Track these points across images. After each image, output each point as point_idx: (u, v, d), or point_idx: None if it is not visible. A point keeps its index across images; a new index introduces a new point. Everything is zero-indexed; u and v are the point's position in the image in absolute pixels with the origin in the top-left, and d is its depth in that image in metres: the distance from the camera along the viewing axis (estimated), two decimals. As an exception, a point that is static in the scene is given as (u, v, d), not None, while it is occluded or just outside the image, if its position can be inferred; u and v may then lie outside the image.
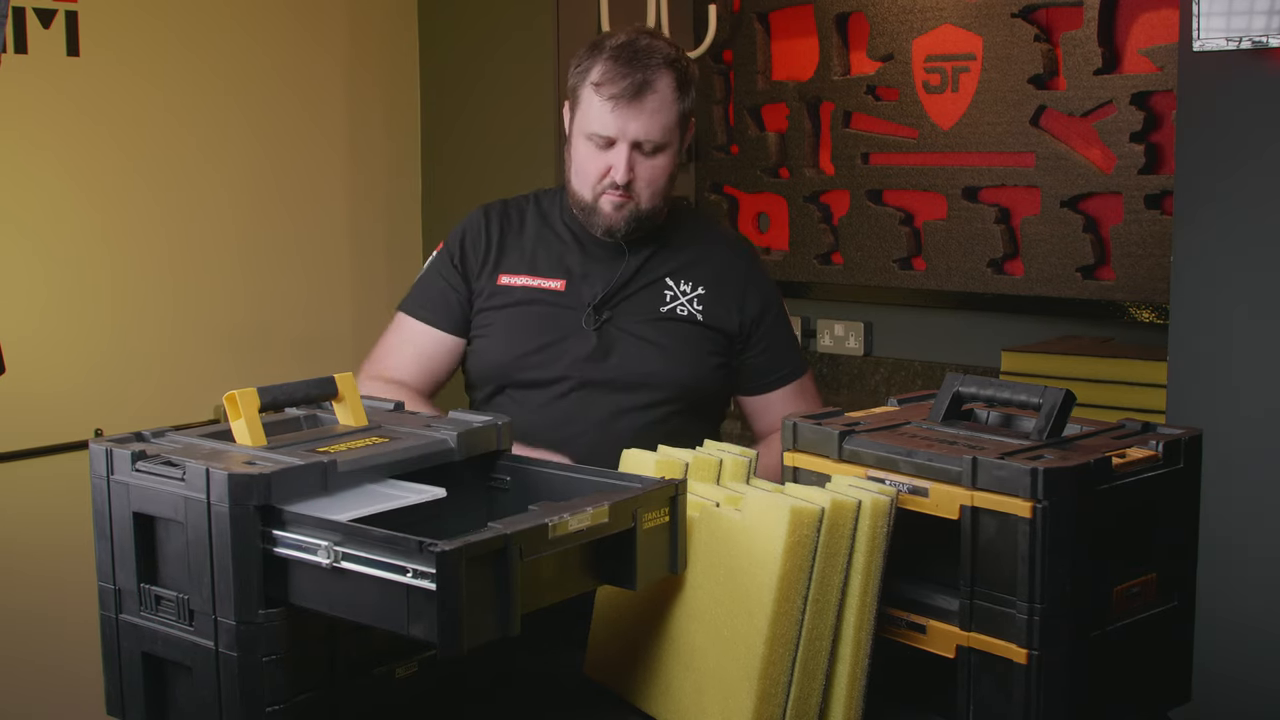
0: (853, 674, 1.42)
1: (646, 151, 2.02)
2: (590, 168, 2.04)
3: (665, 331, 2.08)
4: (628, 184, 2.01)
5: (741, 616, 1.39)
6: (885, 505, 1.40)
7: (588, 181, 2.05)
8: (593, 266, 2.10)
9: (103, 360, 3.16)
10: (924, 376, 3.42)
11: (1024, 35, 3.14)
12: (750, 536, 1.39)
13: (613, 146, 2.01)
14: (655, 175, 2.04)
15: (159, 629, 1.39)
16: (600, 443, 1.96)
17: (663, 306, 2.10)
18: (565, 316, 2.08)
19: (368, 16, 3.64)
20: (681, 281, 2.11)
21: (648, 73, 2.00)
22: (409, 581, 1.21)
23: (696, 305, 2.10)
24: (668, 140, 2.03)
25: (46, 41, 3.01)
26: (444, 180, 3.70)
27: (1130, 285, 3.05)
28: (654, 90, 2.00)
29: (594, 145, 2.02)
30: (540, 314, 2.09)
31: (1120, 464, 1.42)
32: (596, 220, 2.06)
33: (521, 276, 2.11)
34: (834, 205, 3.57)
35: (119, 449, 1.41)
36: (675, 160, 2.06)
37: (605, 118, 2.00)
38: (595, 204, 2.05)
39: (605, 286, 2.08)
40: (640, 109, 1.99)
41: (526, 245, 2.14)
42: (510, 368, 2.09)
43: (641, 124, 1.99)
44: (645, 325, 2.08)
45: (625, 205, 2.03)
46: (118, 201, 3.17)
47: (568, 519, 1.31)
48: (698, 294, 2.11)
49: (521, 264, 2.12)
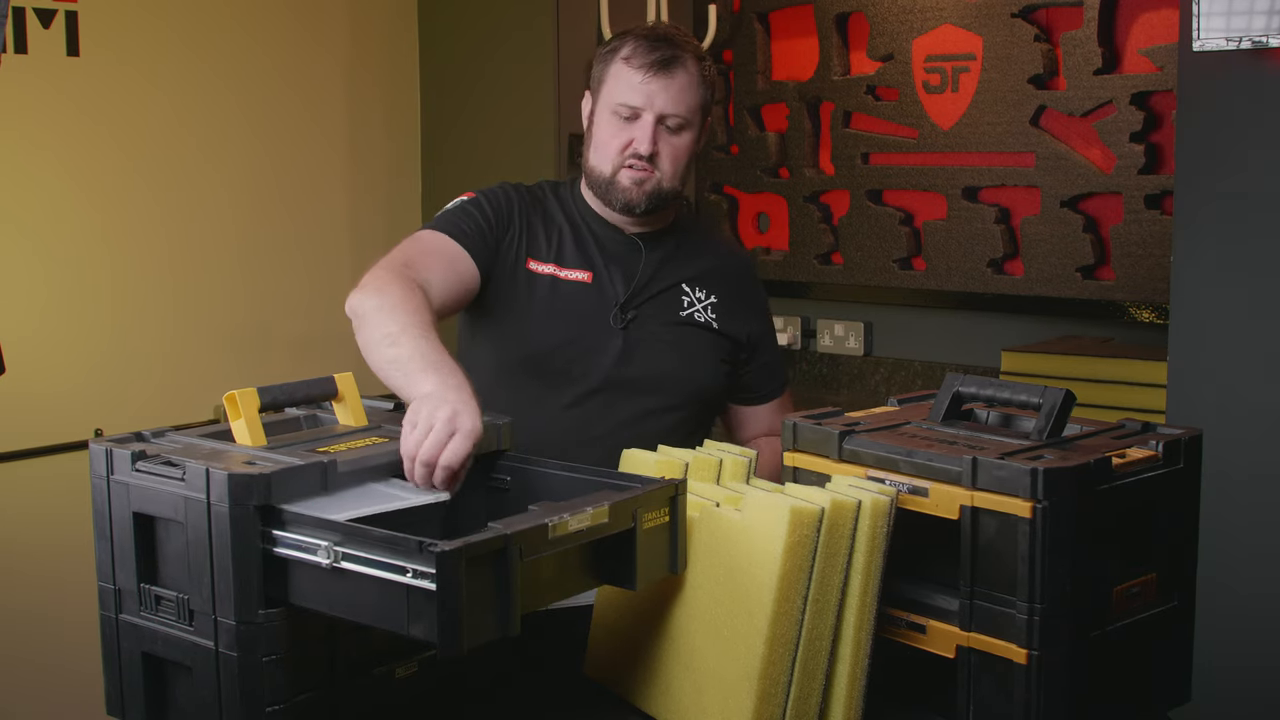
0: (853, 674, 1.42)
1: (671, 127, 2.01)
2: (613, 142, 2.02)
3: (684, 336, 2.08)
4: (651, 157, 2.00)
5: (741, 616, 1.39)
6: (885, 505, 1.40)
7: (608, 155, 2.03)
8: (613, 262, 2.08)
9: (103, 360, 3.16)
10: (924, 376, 3.42)
11: (1024, 35, 3.14)
12: (750, 536, 1.39)
13: (638, 120, 2.00)
14: (678, 153, 2.03)
15: (159, 629, 1.39)
16: (623, 443, 1.89)
17: (681, 311, 2.09)
18: (593, 312, 2.06)
19: (368, 16, 3.64)
20: (697, 288, 2.11)
21: (678, 51, 2.01)
22: (409, 582, 1.21)
23: (711, 313, 2.11)
24: (691, 119, 2.02)
25: (46, 41, 3.01)
26: (444, 180, 3.70)
27: (1130, 285, 3.05)
28: (684, 67, 2.01)
29: (618, 119, 2.01)
30: (569, 307, 2.05)
31: (1120, 464, 1.42)
32: (615, 195, 2.04)
33: (549, 265, 2.07)
34: (834, 205, 3.57)
35: (119, 449, 1.41)
36: (695, 146, 2.06)
37: (634, 88, 1.99)
38: (614, 178, 2.03)
39: (627, 284, 2.07)
40: (670, 82, 1.99)
41: (553, 233, 2.10)
42: (542, 359, 2.04)
43: (670, 97, 1.99)
44: (666, 329, 2.08)
45: (647, 181, 2.01)
46: (118, 201, 3.17)
47: (568, 519, 1.31)
48: (711, 302, 2.12)
49: (549, 252, 2.08)
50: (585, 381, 2.04)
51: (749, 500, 1.41)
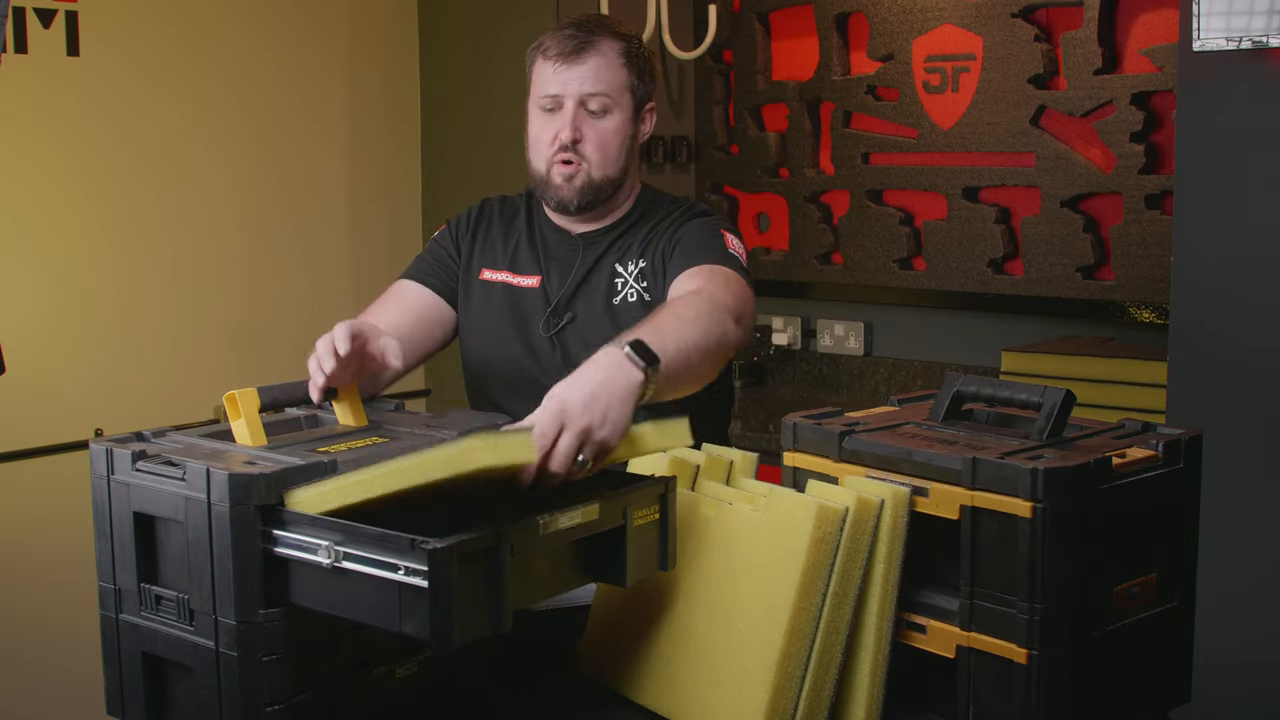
0: (874, 667, 1.43)
1: (593, 110, 2.00)
2: (542, 136, 2.02)
3: (618, 326, 1.99)
4: (575, 145, 1.99)
5: (760, 610, 1.40)
6: (905, 497, 1.42)
7: (540, 151, 2.03)
8: (555, 266, 2.08)
9: (103, 360, 3.16)
10: (924, 376, 3.42)
11: (1024, 35, 3.14)
12: (772, 533, 1.41)
13: (560, 109, 2.00)
14: (604, 139, 2.00)
15: (159, 629, 1.39)
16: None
17: (615, 298, 2.04)
18: (534, 318, 2.06)
19: (368, 16, 3.64)
20: (630, 263, 2.05)
21: (592, 35, 2.01)
22: (401, 579, 1.22)
23: (641, 282, 2.04)
24: (614, 100, 2.00)
25: (46, 41, 3.01)
26: (444, 180, 3.70)
27: (1130, 285, 3.05)
28: (597, 50, 2.00)
29: (543, 112, 2.02)
30: (512, 316, 2.07)
31: (1120, 464, 1.42)
32: (550, 194, 2.03)
33: (503, 273, 2.10)
34: (834, 205, 3.57)
35: (119, 449, 1.41)
36: (628, 129, 2.03)
37: (550, 78, 2.00)
38: (548, 176, 2.02)
39: (563, 286, 2.06)
40: (583, 66, 1.99)
41: (511, 240, 2.12)
42: (487, 370, 2.08)
43: (585, 79, 1.99)
44: (599, 325, 2.01)
45: (575, 174, 2.00)
46: (118, 201, 3.17)
47: (558, 516, 1.31)
48: (640, 268, 2.05)
49: (504, 259, 2.11)
50: (532, 391, 1.99)
51: (774, 498, 1.43)
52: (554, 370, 1.99)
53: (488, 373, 2.09)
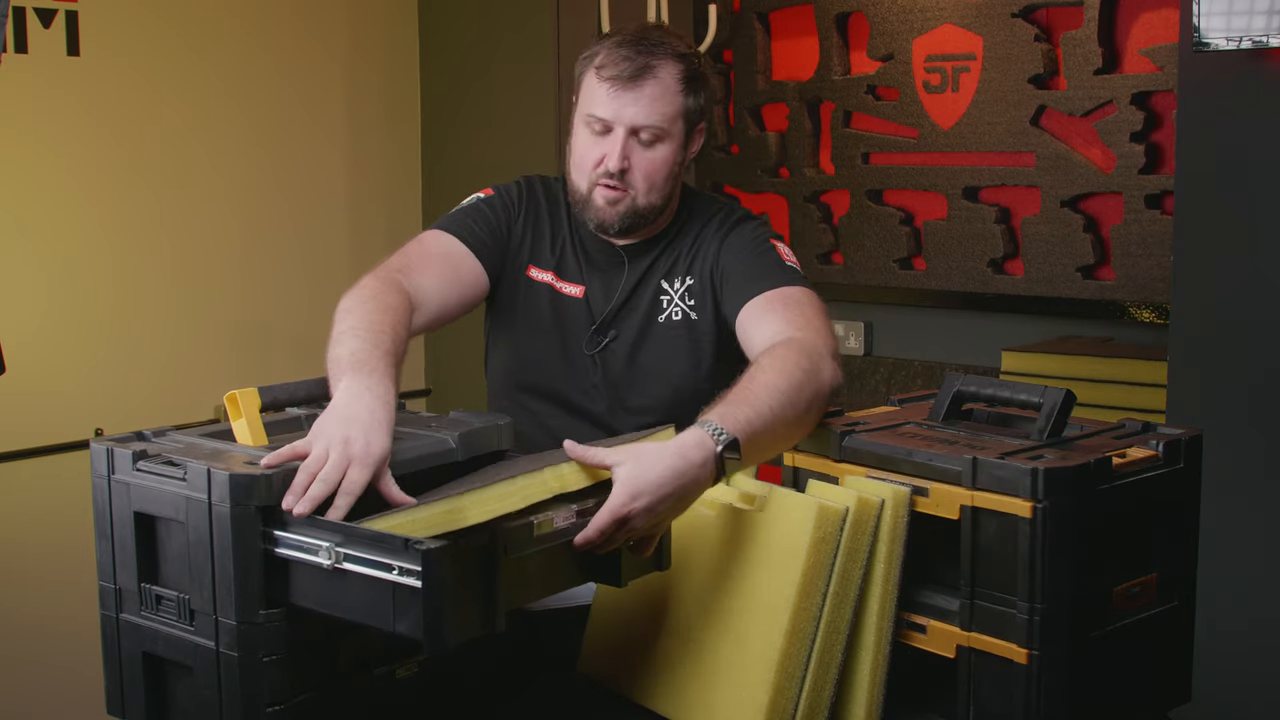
0: (874, 667, 1.44)
1: (644, 141, 1.90)
2: (588, 156, 1.92)
3: (661, 343, 1.97)
4: (622, 174, 1.90)
5: (760, 610, 1.41)
6: (905, 497, 1.43)
7: (584, 170, 1.93)
8: (598, 277, 2.00)
9: (103, 360, 3.16)
10: (924, 376, 3.42)
11: (1024, 35, 3.14)
12: (772, 533, 1.42)
13: (609, 134, 1.90)
14: (653, 168, 1.90)
15: (159, 629, 1.39)
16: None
17: (659, 315, 1.98)
18: (580, 333, 1.98)
19: (368, 16, 3.65)
20: (676, 280, 1.99)
21: (651, 58, 1.89)
22: (395, 579, 1.22)
23: (689, 300, 1.98)
24: (667, 130, 1.90)
25: (46, 41, 3.02)
26: (444, 180, 3.70)
27: (1130, 285, 3.05)
28: (655, 76, 1.89)
29: (591, 132, 1.91)
30: (556, 326, 1.99)
31: (1120, 464, 1.42)
32: (590, 214, 1.94)
33: (548, 274, 2.00)
34: (834, 205, 3.57)
35: (120, 448, 1.41)
36: (677, 156, 1.93)
37: (603, 101, 1.89)
38: (589, 196, 1.93)
39: (607, 301, 1.98)
40: (639, 93, 1.88)
41: (558, 239, 2.02)
42: (530, 375, 2.00)
43: (640, 109, 1.88)
44: (640, 344, 1.97)
45: (620, 200, 1.91)
46: (118, 201, 3.17)
47: (552, 517, 1.31)
48: (688, 285, 1.99)
49: (551, 259, 2.01)
50: (571, 404, 1.97)
51: (774, 498, 1.43)
52: (591, 389, 1.97)
53: (521, 376, 2.01)
